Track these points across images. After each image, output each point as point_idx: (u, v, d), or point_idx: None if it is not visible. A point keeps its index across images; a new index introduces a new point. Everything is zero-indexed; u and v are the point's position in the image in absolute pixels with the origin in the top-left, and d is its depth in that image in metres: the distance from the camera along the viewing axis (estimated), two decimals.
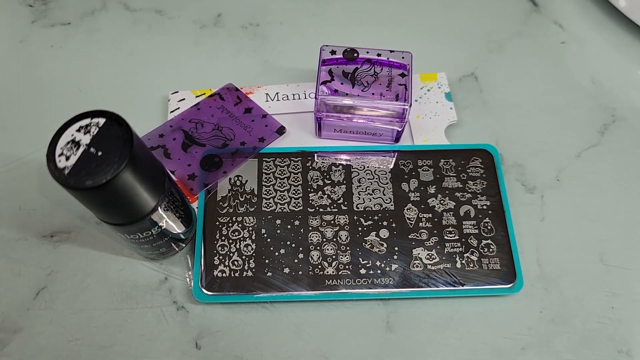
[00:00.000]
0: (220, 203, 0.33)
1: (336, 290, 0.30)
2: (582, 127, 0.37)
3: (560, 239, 0.33)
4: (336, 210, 0.33)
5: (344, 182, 0.33)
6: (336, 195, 0.33)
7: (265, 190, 0.33)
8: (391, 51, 0.34)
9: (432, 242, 0.32)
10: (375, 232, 0.32)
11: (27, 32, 0.41)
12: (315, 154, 0.34)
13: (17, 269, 0.32)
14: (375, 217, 0.32)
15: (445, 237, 0.32)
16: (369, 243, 0.32)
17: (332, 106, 0.33)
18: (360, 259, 0.31)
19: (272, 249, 0.31)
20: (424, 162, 0.34)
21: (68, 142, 0.23)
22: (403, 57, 0.34)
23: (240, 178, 0.34)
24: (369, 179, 0.34)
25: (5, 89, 0.39)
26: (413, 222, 0.32)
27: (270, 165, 0.34)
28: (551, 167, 0.35)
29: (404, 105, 0.32)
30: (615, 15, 0.42)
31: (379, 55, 0.34)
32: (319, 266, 0.31)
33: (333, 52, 0.34)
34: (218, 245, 0.31)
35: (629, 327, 0.30)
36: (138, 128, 0.26)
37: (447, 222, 0.32)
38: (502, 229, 0.32)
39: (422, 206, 0.33)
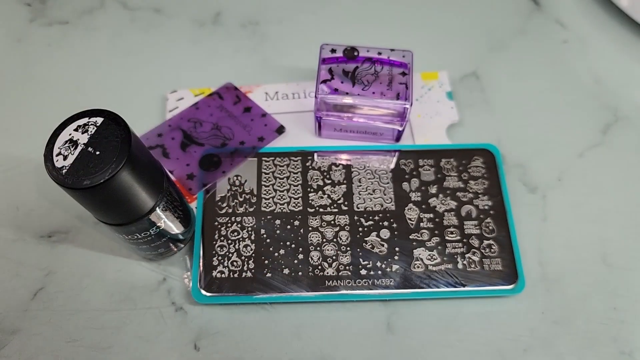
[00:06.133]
0: (219, 203, 0.32)
1: (336, 291, 0.30)
2: (584, 127, 0.37)
3: (562, 239, 0.33)
4: (336, 210, 0.32)
5: (344, 182, 0.33)
6: (336, 195, 0.33)
7: (265, 190, 0.33)
8: (392, 50, 0.33)
9: (433, 243, 0.31)
10: (375, 233, 0.32)
11: (25, 31, 0.41)
12: (315, 154, 0.34)
13: (14, 270, 0.32)
14: (376, 218, 0.32)
15: (447, 238, 0.32)
16: (369, 243, 0.31)
17: (332, 105, 0.33)
18: (361, 260, 0.31)
19: (271, 249, 0.31)
20: (425, 162, 0.34)
21: (66, 142, 0.23)
22: (404, 56, 0.33)
23: (239, 178, 0.33)
24: (369, 178, 0.33)
25: (2, 88, 0.38)
26: (414, 223, 0.32)
27: (269, 165, 0.34)
28: (553, 167, 0.35)
29: (405, 104, 0.32)
30: (617, 14, 0.42)
31: (379, 53, 0.33)
32: (319, 267, 0.31)
33: (333, 51, 0.34)
34: (217, 245, 0.31)
35: (631, 328, 0.30)
36: (136, 127, 0.25)
37: (449, 223, 0.32)
38: (504, 229, 0.32)
39: (423, 206, 0.32)
